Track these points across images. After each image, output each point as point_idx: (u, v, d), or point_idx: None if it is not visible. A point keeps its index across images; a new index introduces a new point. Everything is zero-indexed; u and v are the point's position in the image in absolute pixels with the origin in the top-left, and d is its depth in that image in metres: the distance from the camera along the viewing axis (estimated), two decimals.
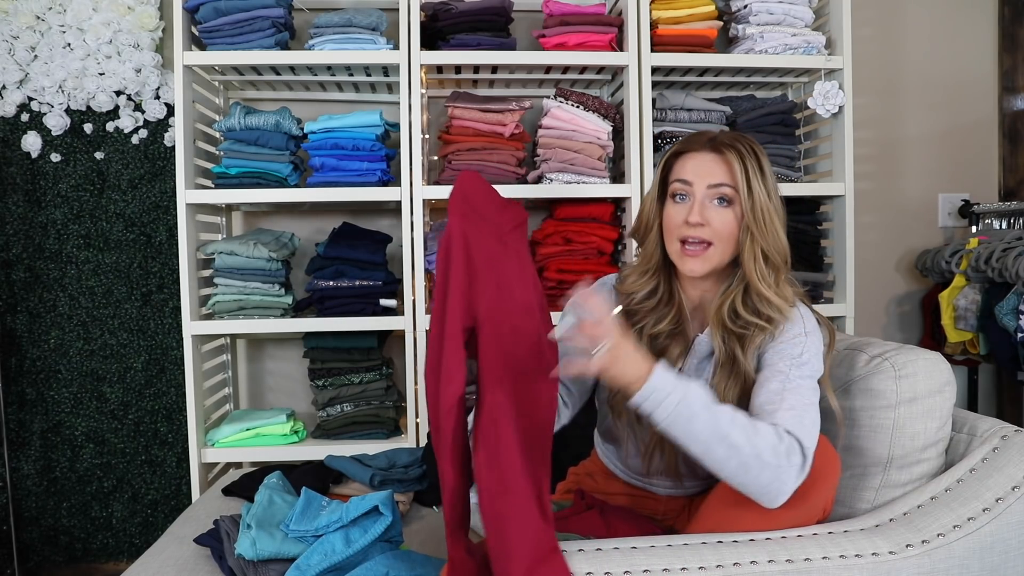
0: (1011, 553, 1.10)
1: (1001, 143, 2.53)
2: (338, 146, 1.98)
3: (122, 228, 2.25)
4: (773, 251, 1.19)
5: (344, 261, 2.00)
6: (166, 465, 2.30)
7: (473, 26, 2.01)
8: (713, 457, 1.04)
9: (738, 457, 1.02)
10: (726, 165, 1.20)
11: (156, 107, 2.21)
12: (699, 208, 1.20)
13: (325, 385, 2.03)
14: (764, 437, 1.03)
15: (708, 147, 1.23)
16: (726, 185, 1.19)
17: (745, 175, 1.18)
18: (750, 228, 1.18)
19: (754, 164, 1.19)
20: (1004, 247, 2.08)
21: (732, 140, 1.22)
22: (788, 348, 1.16)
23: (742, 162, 1.19)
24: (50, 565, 2.30)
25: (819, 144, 2.20)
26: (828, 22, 2.11)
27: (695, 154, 1.23)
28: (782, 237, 1.20)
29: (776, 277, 1.21)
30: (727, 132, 1.27)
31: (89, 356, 2.27)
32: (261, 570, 1.31)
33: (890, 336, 2.52)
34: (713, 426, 1.03)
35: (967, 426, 1.28)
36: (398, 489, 1.67)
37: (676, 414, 1.03)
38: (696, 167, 1.22)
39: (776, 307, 1.19)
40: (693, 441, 1.04)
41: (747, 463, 1.02)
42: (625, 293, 1.30)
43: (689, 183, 1.21)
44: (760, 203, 1.18)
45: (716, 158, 1.21)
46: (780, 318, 1.19)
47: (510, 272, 1.11)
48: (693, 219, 1.19)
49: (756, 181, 1.18)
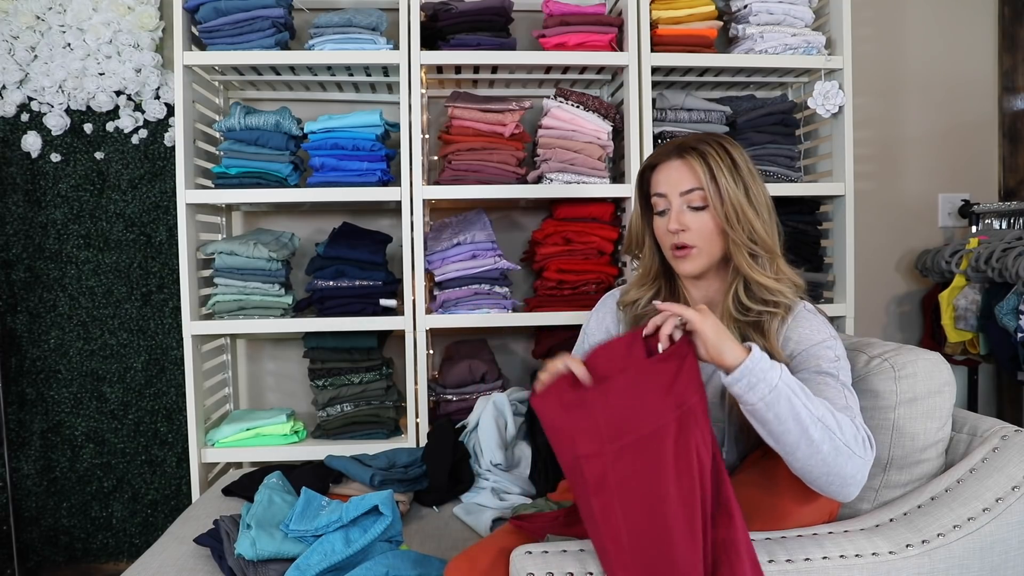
0: (1011, 553, 1.10)
1: (1001, 143, 2.53)
2: (338, 146, 1.98)
3: (122, 228, 2.26)
4: (755, 241, 1.21)
5: (344, 261, 2.00)
6: (166, 465, 2.30)
7: (473, 26, 2.01)
8: (807, 440, 0.99)
9: (831, 442, 1.00)
10: (691, 170, 1.23)
11: (156, 107, 2.21)
12: (676, 216, 1.24)
13: (325, 385, 2.03)
14: (848, 427, 1.03)
15: (675, 155, 1.26)
16: (695, 189, 1.23)
17: (710, 174, 1.21)
18: (726, 224, 1.21)
19: (719, 162, 1.21)
20: (1004, 247, 2.08)
21: (696, 142, 1.24)
22: (824, 351, 1.17)
23: (704, 162, 1.22)
24: (50, 565, 2.30)
25: (819, 144, 2.20)
26: (828, 22, 2.11)
27: (664, 164, 1.27)
28: (759, 227, 1.21)
29: (770, 264, 1.23)
30: (696, 135, 1.29)
31: (89, 356, 2.27)
32: (261, 570, 1.31)
33: (890, 336, 2.52)
34: (813, 407, 1.00)
35: (967, 426, 1.28)
36: (398, 489, 1.67)
37: (777, 393, 0.99)
38: (667, 178, 1.26)
39: (778, 291, 1.21)
40: (789, 422, 0.99)
41: (839, 448, 1.01)
42: (628, 303, 1.33)
43: (664, 195, 1.26)
44: (730, 198, 1.20)
45: (681, 164, 1.24)
46: (787, 300, 1.21)
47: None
48: (672, 227, 1.24)
49: (723, 178, 1.20)
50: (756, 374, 1.00)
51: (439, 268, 2.01)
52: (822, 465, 1.01)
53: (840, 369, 1.15)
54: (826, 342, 1.18)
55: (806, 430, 0.99)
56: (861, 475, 1.03)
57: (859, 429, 1.05)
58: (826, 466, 1.01)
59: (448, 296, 2.01)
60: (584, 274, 2.05)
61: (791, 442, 1.00)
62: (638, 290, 1.34)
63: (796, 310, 1.23)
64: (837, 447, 1.00)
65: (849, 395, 1.11)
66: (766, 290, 1.21)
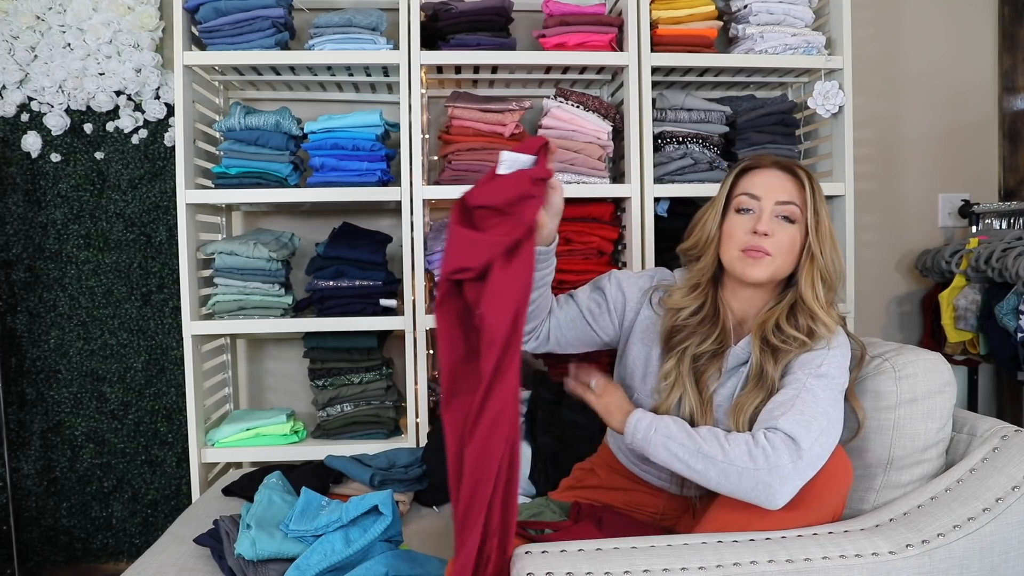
0: (1011, 553, 1.10)
1: (1001, 143, 2.53)
2: (338, 146, 1.98)
3: (122, 228, 2.26)
4: (830, 272, 1.25)
5: (344, 261, 2.00)
6: (166, 465, 2.30)
7: (473, 26, 2.00)
8: (699, 472, 1.12)
9: (716, 468, 1.10)
10: (797, 186, 1.26)
11: (156, 107, 2.21)
12: (767, 220, 1.25)
13: (325, 385, 2.03)
14: (736, 445, 1.10)
15: (776, 166, 1.29)
16: (793, 203, 1.25)
17: (813, 196, 1.25)
18: (812, 248, 1.24)
19: (818, 189, 1.26)
20: (1004, 247, 2.08)
21: (797, 164, 1.29)
22: (810, 359, 1.20)
23: (811, 185, 1.26)
24: (50, 565, 2.30)
25: (819, 144, 2.20)
26: (828, 22, 2.11)
27: (764, 171, 1.29)
28: (840, 260, 1.27)
29: (828, 297, 1.26)
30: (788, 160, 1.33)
31: (89, 356, 2.27)
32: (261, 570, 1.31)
33: (890, 336, 2.52)
34: (688, 442, 1.13)
35: (967, 426, 1.28)
36: (398, 489, 1.67)
37: (655, 444, 1.16)
38: (765, 183, 1.27)
39: (824, 323, 1.23)
40: (674, 459, 1.14)
41: (726, 472, 1.09)
42: (672, 308, 1.32)
43: (757, 197, 1.26)
44: (826, 225, 1.25)
45: (785, 176, 1.27)
46: (824, 333, 1.23)
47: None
48: (761, 228, 1.24)
49: (821, 205, 1.26)
50: (636, 435, 1.19)
51: (439, 268, 2.01)
52: (717, 487, 1.12)
53: (820, 376, 1.17)
54: (818, 352, 1.21)
55: (688, 464, 1.13)
56: (763, 486, 1.07)
57: (758, 442, 1.09)
58: (723, 487, 1.11)
59: None
60: (584, 274, 2.04)
61: (682, 472, 1.15)
62: (685, 298, 1.32)
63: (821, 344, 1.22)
64: (724, 470, 1.10)
65: (803, 402, 1.13)
66: (815, 319, 1.23)
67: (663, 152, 2.04)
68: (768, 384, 1.21)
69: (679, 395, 1.26)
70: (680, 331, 1.30)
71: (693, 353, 1.27)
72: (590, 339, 1.41)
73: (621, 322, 1.39)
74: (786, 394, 1.16)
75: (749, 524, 1.11)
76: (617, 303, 1.38)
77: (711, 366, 1.27)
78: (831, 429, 1.12)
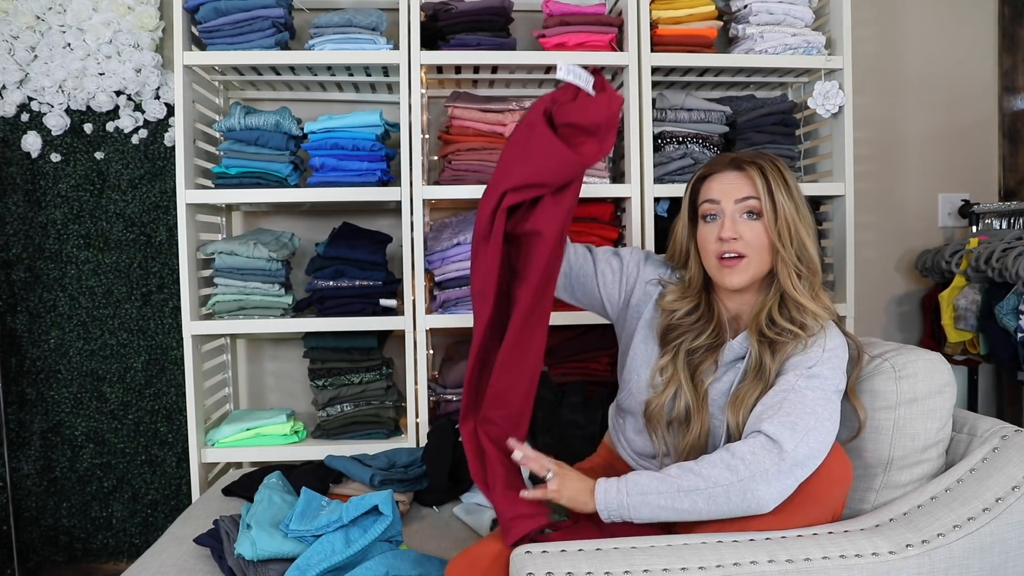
0: (1011, 553, 1.10)
1: (1001, 143, 2.53)
2: (338, 146, 1.98)
3: (122, 228, 2.26)
4: (801, 261, 1.24)
5: (344, 261, 2.00)
6: (166, 465, 2.30)
7: (473, 26, 2.00)
8: (687, 510, 1.10)
9: (702, 497, 1.09)
10: (749, 180, 1.25)
11: (156, 107, 2.21)
12: (730, 223, 1.24)
13: (325, 385, 2.03)
14: (712, 466, 1.10)
15: (730, 166, 1.28)
16: (752, 198, 1.24)
17: (767, 187, 1.23)
18: (778, 239, 1.23)
19: (776, 177, 1.24)
20: (1004, 247, 2.08)
21: (752, 157, 1.27)
22: (803, 360, 1.20)
23: (763, 176, 1.24)
24: (50, 565, 2.30)
25: (819, 144, 2.20)
26: (828, 22, 2.11)
27: (719, 175, 1.28)
28: (809, 247, 1.24)
29: (811, 285, 1.25)
30: (747, 152, 1.33)
31: (89, 356, 2.27)
32: (261, 570, 1.31)
33: (890, 336, 2.52)
34: (666, 487, 1.11)
35: (967, 426, 1.28)
36: (398, 489, 1.67)
37: (634, 509, 1.12)
38: (721, 186, 1.27)
39: (812, 313, 1.23)
40: (658, 511, 1.11)
41: (713, 496, 1.09)
42: (666, 309, 1.33)
43: (716, 201, 1.26)
44: (784, 214, 1.23)
45: (739, 175, 1.26)
46: (815, 325, 1.22)
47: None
48: (725, 234, 1.24)
49: (779, 193, 1.23)
50: (611, 508, 1.14)
51: (439, 268, 2.01)
52: (711, 515, 1.10)
53: (811, 376, 1.17)
54: (812, 353, 1.20)
55: (674, 508, 1.10)
56: (751, 493, 1.08)
57: (734, 455, 1.09)
58: (715, 513, 1.10)
59: (448, 296, 2.01)
60: None
61: (672, 518, 1.12)
62: (679, 300, 1.32)
63: (817, 337, 1.22)
64: (710, 496, 1.09)
65: (792, 404, 1.13)
66: (802, 309, 1.23)
67: (663, 152, 2.04)
68: (767, 376, 1.21)
69: (674, 389, 1.26)
70: (675, 328, 1.30)
71: (688, 348, 1.27)
72: (592, 300, 1.41)
73: (628, 299, 1.38)
74: (774, 397, 1.16)
75: (749, 524, 1.11)
76: (630, 276, 1.38)
77: (707, 360, 1.27)
78: (820, 428, 1.12)
